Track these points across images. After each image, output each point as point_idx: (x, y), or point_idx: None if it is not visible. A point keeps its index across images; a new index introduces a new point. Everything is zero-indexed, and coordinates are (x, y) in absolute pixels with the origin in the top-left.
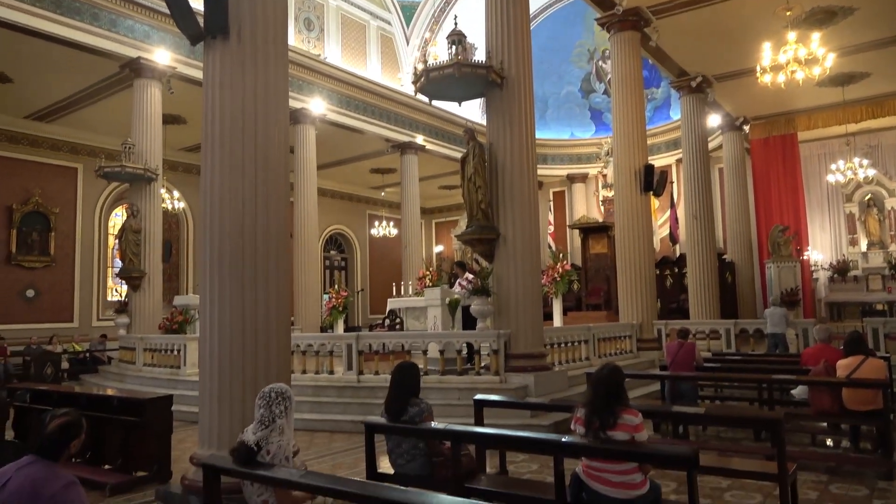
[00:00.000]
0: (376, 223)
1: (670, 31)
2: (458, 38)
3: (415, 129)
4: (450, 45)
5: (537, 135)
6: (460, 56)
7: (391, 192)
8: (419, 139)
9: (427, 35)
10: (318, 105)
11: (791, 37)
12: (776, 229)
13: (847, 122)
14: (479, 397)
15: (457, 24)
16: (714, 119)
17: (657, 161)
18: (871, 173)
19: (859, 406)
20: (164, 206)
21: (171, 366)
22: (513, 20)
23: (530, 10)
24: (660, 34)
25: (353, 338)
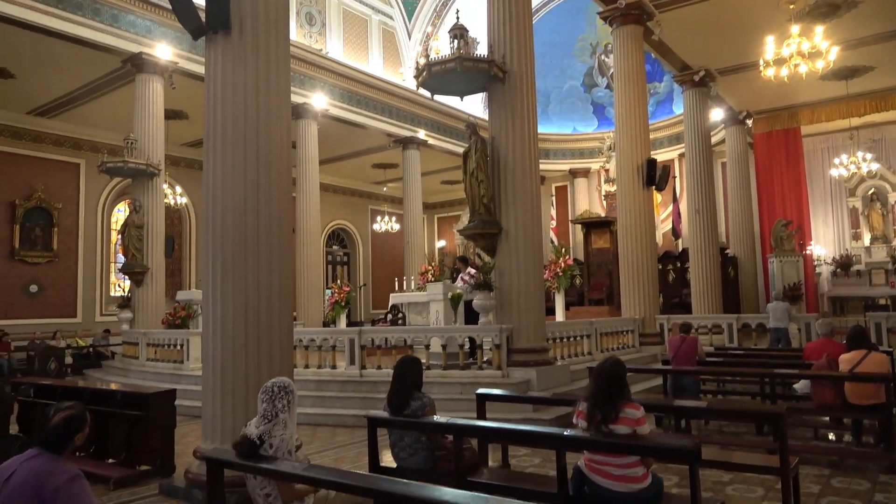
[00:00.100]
0: (378, 218)
1: (673, 24)
2: (460, 32)
3: (417, 123)
4: (452, 40)
5: (539, 129)
6: (462, 50)
7: (393, 188)
8: (421, 134)
9: (429, 29)
10: (319, 100)
11: (794, 30)
12: (779, 224)
13: (850, 116)
14: (481, 391)
15: (459, 18)
16: (717, 113)
17: (660, 156)
18: (875, 167)
19: (862, 400)
20: (166, 201)
21: (175, 360)
22: (515, 14)
23: (532, 4)
24: (662, 28)
25: (356, 332)
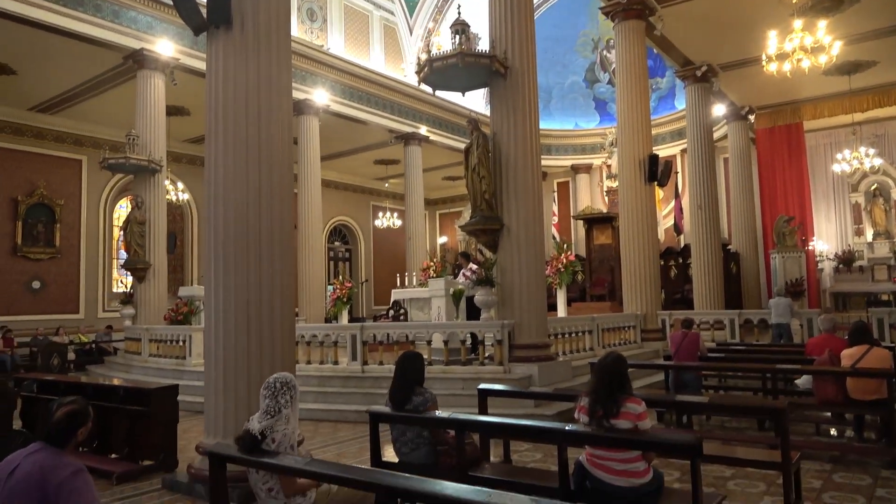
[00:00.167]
0: (380, 214)
1: (675, 19)
2: (462, 27)
3: (418, 119)
4: (453, 35)
5: (541, 125)
6: (464, 46)
7: (395, 184)
8: (423, 130)
9: (430, 25)
10: (321, 96)
11: (797, 25)
12: (781, 219)
13: (853, 112)
14: (483, 387)
15: (460, 13)
16: (719, 109)
17: (662, 151)
18: (878, 163)
19: (864, 395)
20: (168, 197)
21: (177, 356)
22: (516, 9)
23: (534, 0)
24: (665, 23)
25: (358, 328)
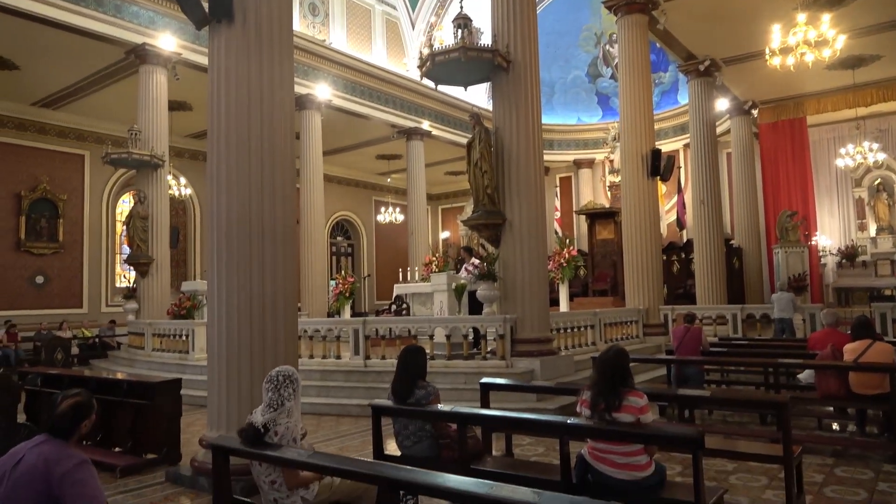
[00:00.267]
0: (382, 209)
1: (678, 13)
2: (464, 21)
3: (421, 114)
4: (455, 29)
5: (544, 120)
6: (466, 40)
7: (397, 179)
8: (425, 125)
9: (432, 19)
10: (323, 91)
11: (801, 18)
12: (784, 214)
13: (857, 106)
14: (484, 381)
15: (462, 7)
16: (722, 103)
17: (664, 146)
18: (881, 157)
19: (866, 390)
20: (170, 192)
21: (180, 351)
22: (519, 4)
23: None
24: (668, 17)
25: (360, 323)
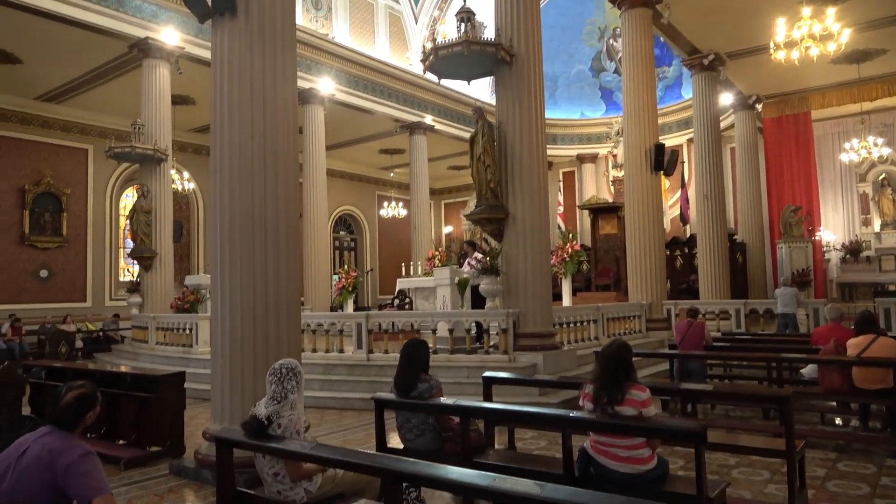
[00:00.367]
0: (385, 204)
1: (682, 7)
2: (467, 15)
3: (423, 108)
4: (458, 23)
5: (547, 114)
6: (469, 34)
7: (400, 173)
8: (428, 119)
9: (435, 13)
10: (326, 85)
11: (806, 12)
12: (788, 209)
13: (862, 101)
14: (487, 374)
15: (465, 1)
16: (726, 98)
17: (668, 141)
18: (886, 152)
19: (869, 385)
20: (174, 186)
21: (183, 344)
22: None
23: None
24: (672, 10)
25: (363, 317)
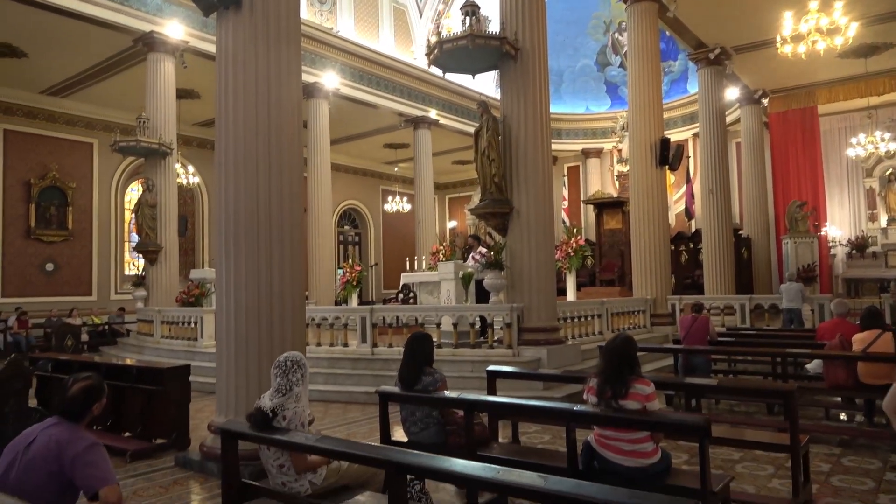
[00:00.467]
0: (390, 198)
1: (689, 0)
2: (472, 9)
3: (428, 103)
4: (463, 17)
5: (552, 109)
6: (474, 28)
7: (404, 168)
8: (432, 113)
9: (440, 7)
10: (330, 79)
11: (813, 5)
12: (794, 204)
13: (869, 95)
14: (491, 368)
15: None
16: (732, 92)
17: (673, 135)
18: (893, 147)
19: (875, 380)
20: (178, 180)
21: (189, 338)
22: None
23: None
24: (678, 4)
25: (367, 311)
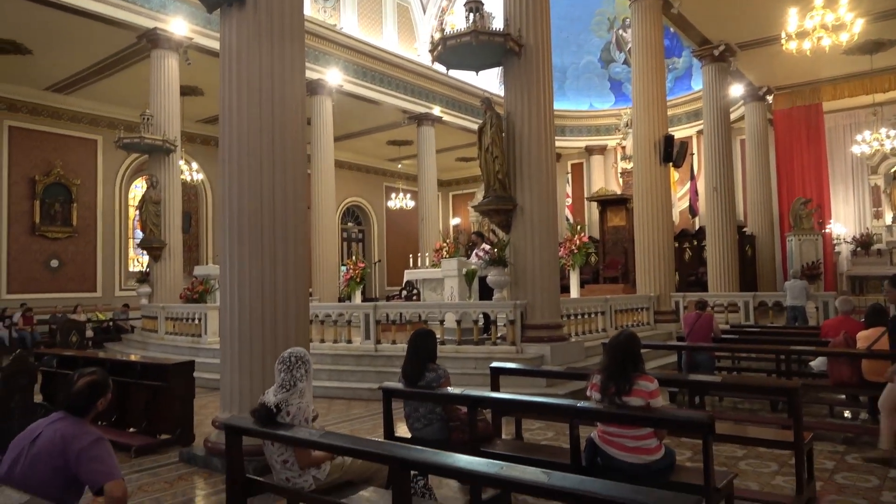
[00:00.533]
0: (393, 195)
1: None
2: (476, 5)
3: (431, 100)
4: (467, 13)
5: (556, 106)
6: (478, 24)
7: (408, 165)
8: (436, 110)
9: (444, 3)
10: (334, 76)
11: (818, 2)
12: (798, 202)
13: (874, 92)
14: (495, 365)
15: None
16: (736, 89)
17: (677, 133)
18: None
19: (879, 378)
20: (182, 177)
21: (193, 334)
22: None
23: None
24: (682, 1)
25: (371, 308)
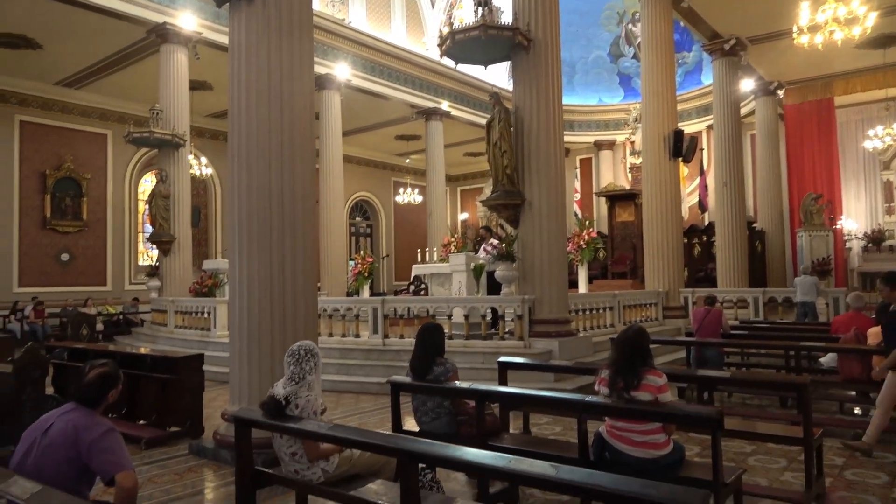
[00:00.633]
0: (401, 190)
1: None
2: None
3: (440, 94)
4: (476, 7)
5: (564, 100)
6: (486, 18)
7: (416, 160)
8: (444, 105)
9: None
10: (342, 70)
11: None
12: (809, 197)
13: (887, 87)
14: (503, 359)
15: None
16: (747, 84)
17: (687, 127)
18: None
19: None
20: (191, 171)
21: (202, 328)
22: None
23: None
24: None
25: (379, 302)
